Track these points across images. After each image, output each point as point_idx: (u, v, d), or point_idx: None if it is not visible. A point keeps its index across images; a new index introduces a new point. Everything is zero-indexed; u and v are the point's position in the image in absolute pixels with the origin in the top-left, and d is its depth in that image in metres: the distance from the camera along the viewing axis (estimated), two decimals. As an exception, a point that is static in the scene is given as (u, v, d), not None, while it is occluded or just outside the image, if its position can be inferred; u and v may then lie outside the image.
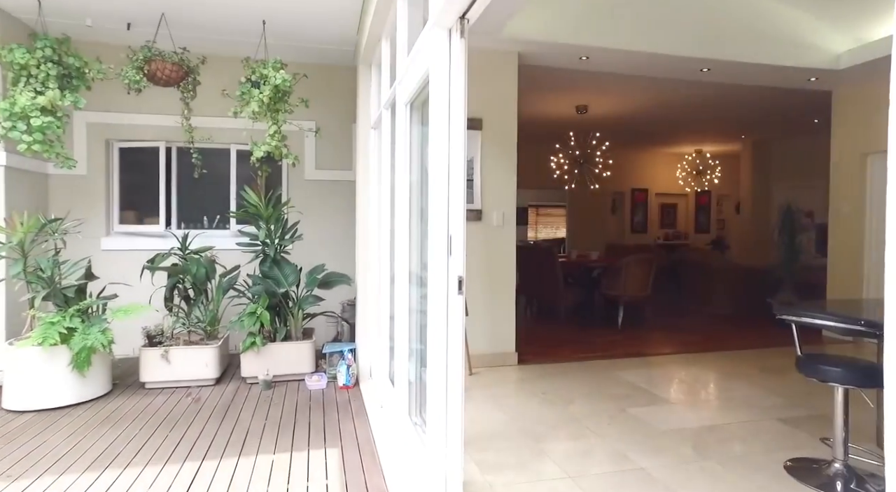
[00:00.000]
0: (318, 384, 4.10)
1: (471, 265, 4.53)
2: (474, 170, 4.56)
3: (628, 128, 8.79)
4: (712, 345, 5.45)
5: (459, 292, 1.99)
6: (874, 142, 5.49)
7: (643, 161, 11.79)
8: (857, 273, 5.66)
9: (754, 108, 7.26)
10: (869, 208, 5.64)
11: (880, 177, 5.55)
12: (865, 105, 5.55)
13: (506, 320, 4.68)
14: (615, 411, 3.51)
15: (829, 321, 2.42)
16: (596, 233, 11.11)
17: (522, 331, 6.06)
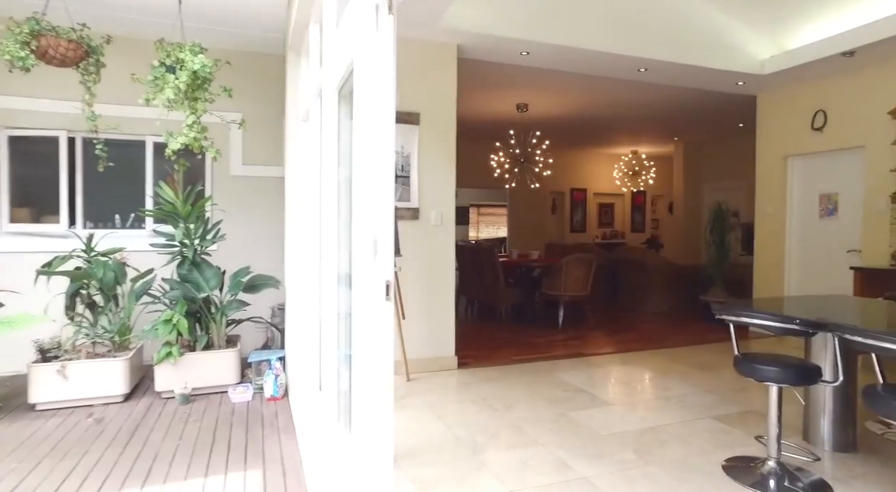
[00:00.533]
0: (243, 396, 3.78)
1: (408, 266, 4.34)
2: (411, 166, 4.37)
3: (568, 128, 8.87)
4: (649, 343, 5.52)
5: (387, 298, 1.79)
6: (794, 144, 5.74)
7: (582, 161, 11.99)
8: (780, 270, 5.90)
9: (687, 110, 7.47)
10: (790, 208, 5.89)
11: (800, 178, 5.82)
12: (786, 110, 5.79)
13: (445, 323, 4.52)
14: (556, 415, 3.42)
15: (767, 321, 2.41)
16: (537, 232, 11.19)
17: (463, 333, 5.93)
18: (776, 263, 5.94)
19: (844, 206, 5.38)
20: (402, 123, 4.32)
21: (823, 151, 5.50)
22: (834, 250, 5.45)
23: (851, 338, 2.08)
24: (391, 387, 1.85)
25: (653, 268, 7.33)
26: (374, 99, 1.79)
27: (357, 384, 1.90)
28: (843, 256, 5.34)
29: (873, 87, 5.00)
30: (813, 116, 5.52)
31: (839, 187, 5.44)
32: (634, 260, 7.50)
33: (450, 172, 4.52)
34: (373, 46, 1.81)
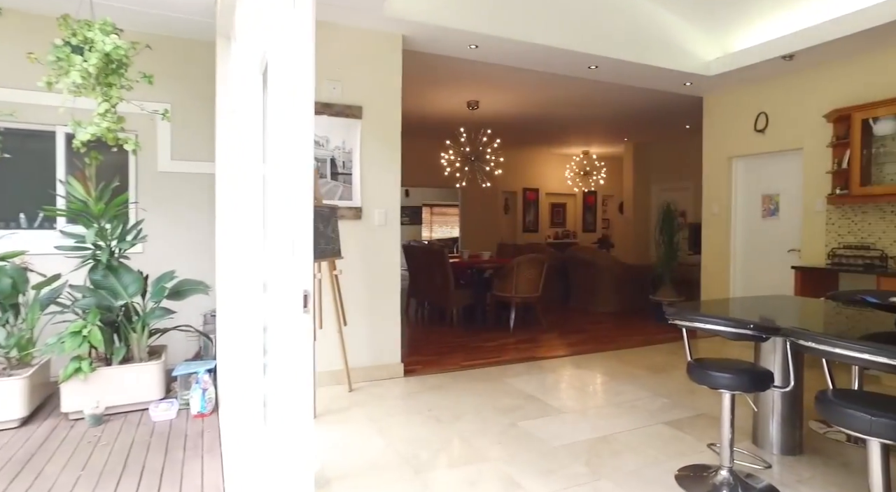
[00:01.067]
0: (167, 414, 3.43)
1: (350, 269, 4.08)
2: (353, 163, 4.11)
3: (520, 127, 8.79)
4: (601, 344, 5.46)
5: (305, 310, 1.55)
6: (738, 146, 5.82)
7: (534, 161, 11.99)
8: (726, 269, 5.97)
9: (636, 110, 7.52)
10: (734, 208, 5.97)
11: (744, 179, 5.90)
12: (730, 111, 5.87)
13: (390, 329, 4.28)
14: (506, 426, 3.25)
15: (721, 327, 2.31)
16: (489, 232, 11.10)
17: (411, 338, 5.71)
18: (722, 262, 6.02)
19: (785, 206, 5.49)
20: (343, 116, 4.06)
21: (765, 153, 5.60)
22: (776, 250, 5.55)
23: (805, 344, 2.00)
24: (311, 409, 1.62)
25: (604, 268, 7.33)
26: (291, 82, 1.55)
27: (273, 410, 1.66)
28: (785, 256, 5.45)
29: (810, 90, 5.10)
30: (756, 118, 5.60)
31: (780, 188, 5.54)
32: (586, 260, 7.49)
33: (395, 169, 4.29)
34: (289, 25, 1.58)
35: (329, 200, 4.04)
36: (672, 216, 6.58)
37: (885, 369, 1.77)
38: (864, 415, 1.83)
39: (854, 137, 4.54)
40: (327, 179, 4.06)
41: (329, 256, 3.68)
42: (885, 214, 4.60)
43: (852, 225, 4.83)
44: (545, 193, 12.25)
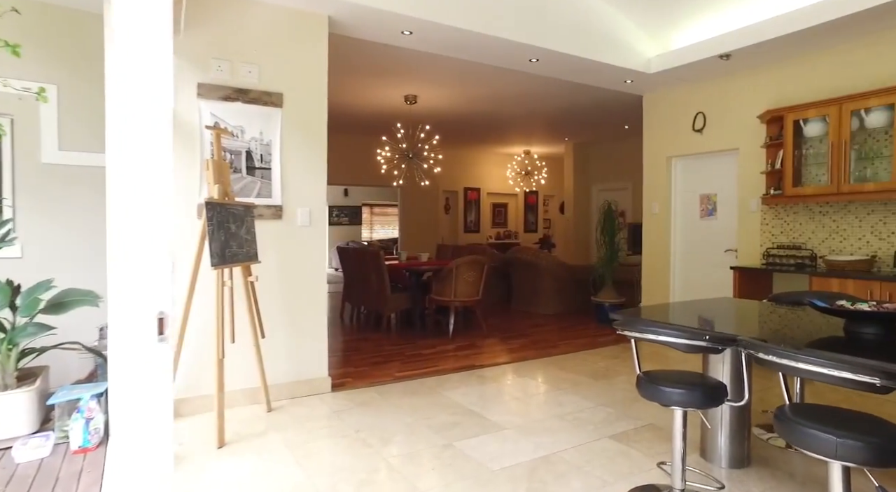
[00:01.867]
0: (37, 452, 2.88)
1: (268, 275, 3.65)
2: (272, 157, 3.68)
3: (460, 124, 8.54)
4: (543, 349, 5.26)
5: (160, 338, 1.17)
6: (677, 145, 5.79)
7: (475, 160, 11.80)
8: (667, 269, 5.94)
9: (577, 109, 7.42)
10: (674, 208, 5.95)
11: (683, 179, 5.89)
12: (670, 110, 5.84)
13: (315, 339, 3.88)
14: (441, 447, 2.94)
15: (674, 338, 2.09)
16: (430, 233, 10.80)
17: (343, 347, 5.31)
18: (662, 262, 5.98)
19: (722, 206, 5.50)
20: (260, 104, 3.62)
21: (703, 153, 5.59)
22: (714, 250, 5.56)
23: (765, 357, 1.80)
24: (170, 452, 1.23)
25: (546, 269, 7.18)
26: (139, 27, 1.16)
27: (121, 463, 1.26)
28: (722, 256, 5.45)
29: (746, 91, 5.12)
30: (694, 118, 5.59)
31: (718, 188, 5.54)
32: (527, 261, 7.32)
33: (321, 164, 3.90)
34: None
35: (244, 198, 3.59)
36: (613, 216, 6.51)
37: (859, 387, 1.59)
38: (829, 436, 1.64)
39: (787, 138, 4.55)
40: (242, 174, 3.61)
41: (242, 260, 3.24)
42: (814, 214, 4.65)
43: (785, 225, 4.86)
44: (487, 193, 12.09)
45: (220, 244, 3.02)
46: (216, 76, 3.47)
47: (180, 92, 3.33)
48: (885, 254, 4.23)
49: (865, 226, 4.34)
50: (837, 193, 4.20)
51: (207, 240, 2.92)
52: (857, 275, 3.99)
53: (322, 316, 3.92)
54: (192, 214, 3.41)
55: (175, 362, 3.18)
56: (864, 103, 4.08)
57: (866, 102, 4.07)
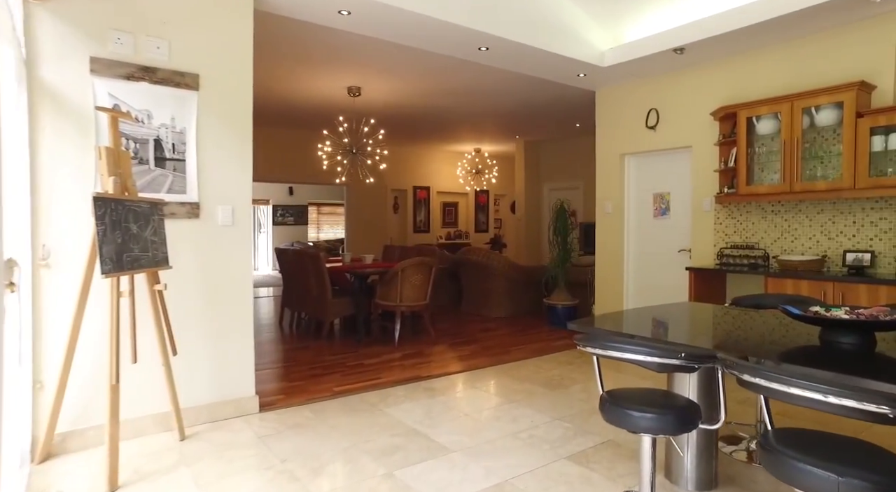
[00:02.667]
0: None
1: (182, 282, 3.18)
2: (187, 146, 3.21)
3: (408, 120, 8.17)
4: (495, 356, 4.98)
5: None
6: (630, 143, 5.65)
7: (425, 158, 11.46)
8: (620, 270, 5.79)
9: (528, 105, 7.21)
10: (627, 208, 5.81)
11: (636, 177, 5.75)
12: (623, 106, 5.69)
13: (240, 354, 3.43)
14: (380, 478, 2.57)
15: (645, 356, 1.81)
16: (378, 233, 10.38)
17: (278, 357, 4.84)
18: (616, 263, 5.82)
19: (676, 205, 5.38)
20: (171, 85, 3.14)
21: (657, 150, 5.46)
22: (667, 250, 5.44)
23: (751, 380, 1.54)
24: None
25: (497, 270, 6.93)
26: None
27: None
28: (676, 256, 5.34)
29: (700, 87, 5.01)
30: (647, 114, 5.45)
31: (671, 187, 5.43)
32: (478, 262, 7.04)
33: (245, 156, 3.45)
34: None
35: (152, 193, 3.10)
36: (566, 215, 6.33)
37: (866, 418, 1.34)
38: (829, 475, 1.39)
39: (740, 136, 4.45)
40: (150, 166, 3.12)
41: (147, 265, 2.77)
42: (766, 213, 4.58)
43: (738, 225, 4.77)
44: (436, 192, 11.77)
45: (115, 247, 2.54)
46: (115, 50, 2.96)
47: (66, 65, 2.81)
48: (834, 253, 4.18)
49: (815, 225, 4.28)
50: (790, 191, 4.12)
51: (97, 242, 2.44)
52: (810, 275, 3.91)
53: (248, 327, 3.47)
54: (86, 209, 2.89)
55: (60, 390, 2.67)
56: (814, 101, 4.01)
57: (816, 100, 4.00)
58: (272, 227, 15.25)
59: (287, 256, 6.36)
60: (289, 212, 15.50)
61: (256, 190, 14.79)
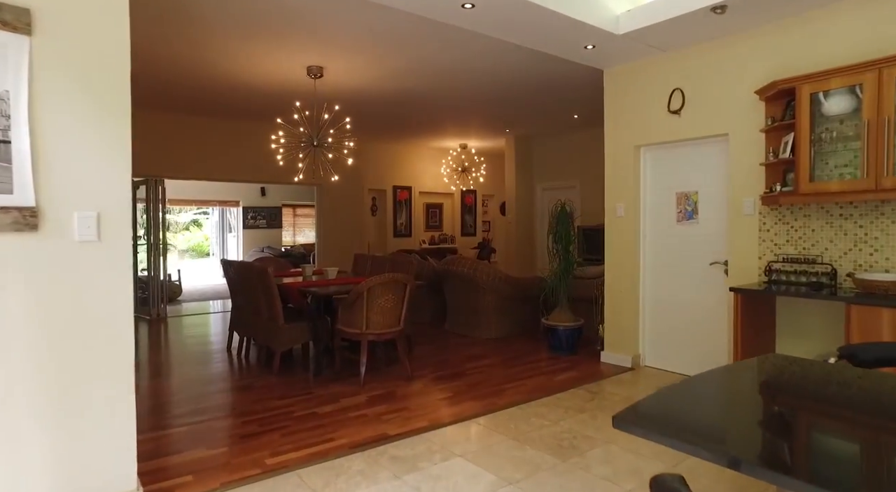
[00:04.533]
0: None
1: (5, 328, 2.08)
2: (12, 120, 2.10)
3: (382, 108, 7.10)
4: (485, 398, 3.92)
5: None
6: (647, 132, 4.63)
7: (406, 156, 10.39)
8: (636, 286, 4.77)
9: (521, 90, 6.17)
10: (643, 210, 4.79)
11: (654, 173, 4.74)
12: (638, 87, 4.67)
13: (110, 425, 2.32)
14: None
15: None
16: (354, 238, 9.29)
17: (204, 407, 3.67)
18: (629, 275, 4.80)
19: (705, 207, 4.37)
20: (-12, 26, 2.04)
21: (681, 141, 4.45)
22: (695, 262, 4.43)
23: None
24: None
25: (486, 284, 5.88)
26: None
27: None
28: (707, 270, 4.33)
29: (741, 57, 4.00)
30: (670, 96, 4.43)
31: (699, 185, 4.42)
32: (464, 275, 5.98)
33: (120, 139, 2.36)
34: None
35: (-43, 193, 2.00)
36: (568, 220, 5.31)
37: None
38: None
39: (801, 117, 3.43)
40: (-45, 151, 2.02)
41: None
42: (833, 218, 3.58)
43: (791, 232, 3.77)
44: (419, 192, 10.70)
45: None
46: None
47: None
48: (927, 270, 3.19)
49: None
50: (876, 189, 3.11)
51: None
52: (908, 301, 2.90)
53: (125, 383, 2.37)
54: None
55: None
56: (908, 69, 3.01)
57: (911, 68, 3.00)
58: (242, 230, 14.08)
59: (233, 270, 5.26)
60: (261, 214, 14.34)
61: (225, 190, 13.61)
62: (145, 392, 4.11)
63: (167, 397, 4.04)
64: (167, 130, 7.28)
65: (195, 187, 12.47)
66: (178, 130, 7.32)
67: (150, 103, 6.81)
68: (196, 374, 4.64)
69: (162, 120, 7.25)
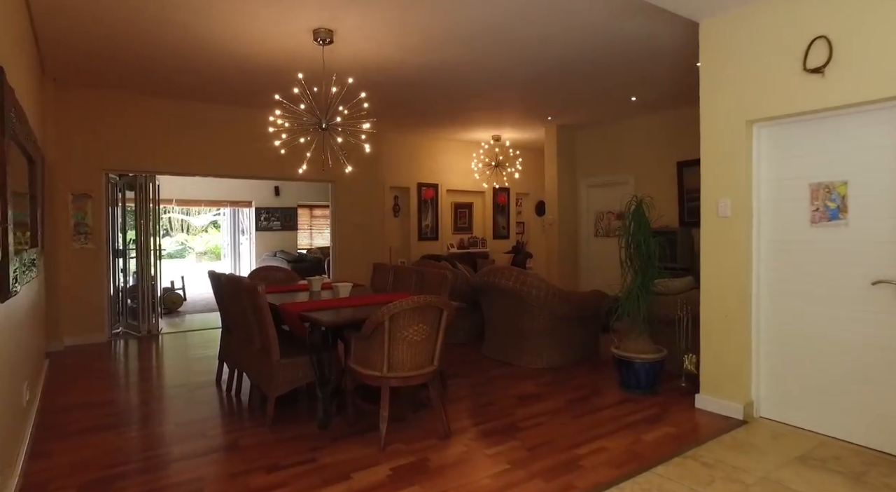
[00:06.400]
0: None
1: None
2: None
3: (406, 88, 5.98)
4: (553, 475, 2.76)
5: None
6: (767, 101, 3.42)
7: (431, 149, 9.27)
8: (743, 310, 3.56)
9: (575, 61, 4.98)
10: (757, 208, 3.57)
11: (775, 158, 3.51)
12: (756, 40, 3.46)
13: None
14: None
15: None
16: (375, 241, 8.19)
17: (164, 481, 2.60)
18: (736, 294, 3.58)
19: (861, 204, 3.14)
20: None
21: (822, 111, 3.22)
22: (844, 279, 3.19)
23: None
24: None
25: (537, 301, 4.72)
26: None
27: None
28: (867, 292, 3.09)
29: (923, -11, 2.77)
30: (807, 49, 3.21)
31: (850, 172, 3.18)
32: (509, 289, 4.83)
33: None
34: None
35: None
36: (645, 220, 4.12)
37: None
38: None
39: None
40: None
41: None
42: None
43: None
44: (446, 191, 9.57)
45: None
46: None
47: None
48: None
49: None
50: None
51: None
52: None
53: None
54: None
55: None
56: None
57: None
58: (255, 232, 13.12)
59: (221, 287, 4.19)
60: (275, 215, 13.37)
61: (237, 190, 12.59)
62: (82, 452, 3.05)
63: (109, 463, 2.97)
64: (144, 117, 6.28)
65: (207, 187, 11.58)
66: (153, 118, 6.30)
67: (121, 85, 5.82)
68: (166, 422, 3.57)
69: (144, 105, 6.25)
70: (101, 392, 4.22)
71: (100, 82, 5.71)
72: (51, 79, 5.53)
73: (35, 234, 3.71)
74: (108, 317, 6.14)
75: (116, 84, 5.77)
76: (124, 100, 6.07)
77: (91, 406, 3.87)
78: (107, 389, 4.33)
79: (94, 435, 3.34)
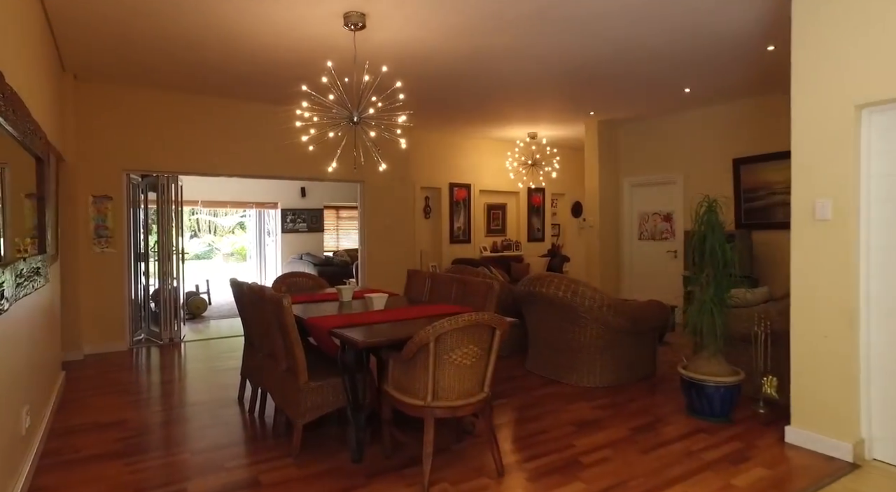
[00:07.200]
0: None
1: None
2: None
3: (441, 82, 5.56)
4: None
5: None
6: (883, 81, 2.88)
7: (463, 148, 8.83)
8: (847, 332, 3.01)
9: (631, 49, 4.47)
10: (865, 211, 3.03)
11: (887, 152, 2.97)
12: (865, 8, 2.92)
13: None
14: None
15: None
16: (403, 245, 7.78)
17: None
18: (840, 316, 3.04)
19: None
20: None
21: (953, 92, 2.67)
22: (981, 297, 2.63)
23: None
24: None
25: (588, 312, 4.24)
26: None
27: None
28: None
29: None
30: (936, 18, 2.66)
31: None
32: (557, 299, 4.35)
33: None
34: None
35: None
36: (719, 224, 3.61)
37: None
38: None
39: None
40: None
41: None
42: None
43: None
44: (479, 191, 9.12)
45: None
46: None
47: None
48: None
49: None
50: None
51: None
52: None
53: None
54: None
55: None
56: None
57: None
58: (281, 235, 12.87)
59: (244, 297, 3.81)
60: (301, 217, 13.09)
61: (263, 191, 12.32)
62: (86, 488, 2.68)
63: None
64: (166, 116, 5.98)
65: (232, 188, 11.36)
66: (175, 116, 6.00)
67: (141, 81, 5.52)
68: (181, 449, 3.20)
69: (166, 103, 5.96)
70: (115, 410, 3.89)
71: (120, 78, 5.42)
72: (70, 75, 5.26)
73: (42, 239, 3.38)
74: (129, 324, 5.86)
75: (137, 80, 5.49)
76: (145, 97, 5.78)
77: (103, 427, 3.54)
78: (122, 406, 4.00)
79: (102, 464, 2.98)
